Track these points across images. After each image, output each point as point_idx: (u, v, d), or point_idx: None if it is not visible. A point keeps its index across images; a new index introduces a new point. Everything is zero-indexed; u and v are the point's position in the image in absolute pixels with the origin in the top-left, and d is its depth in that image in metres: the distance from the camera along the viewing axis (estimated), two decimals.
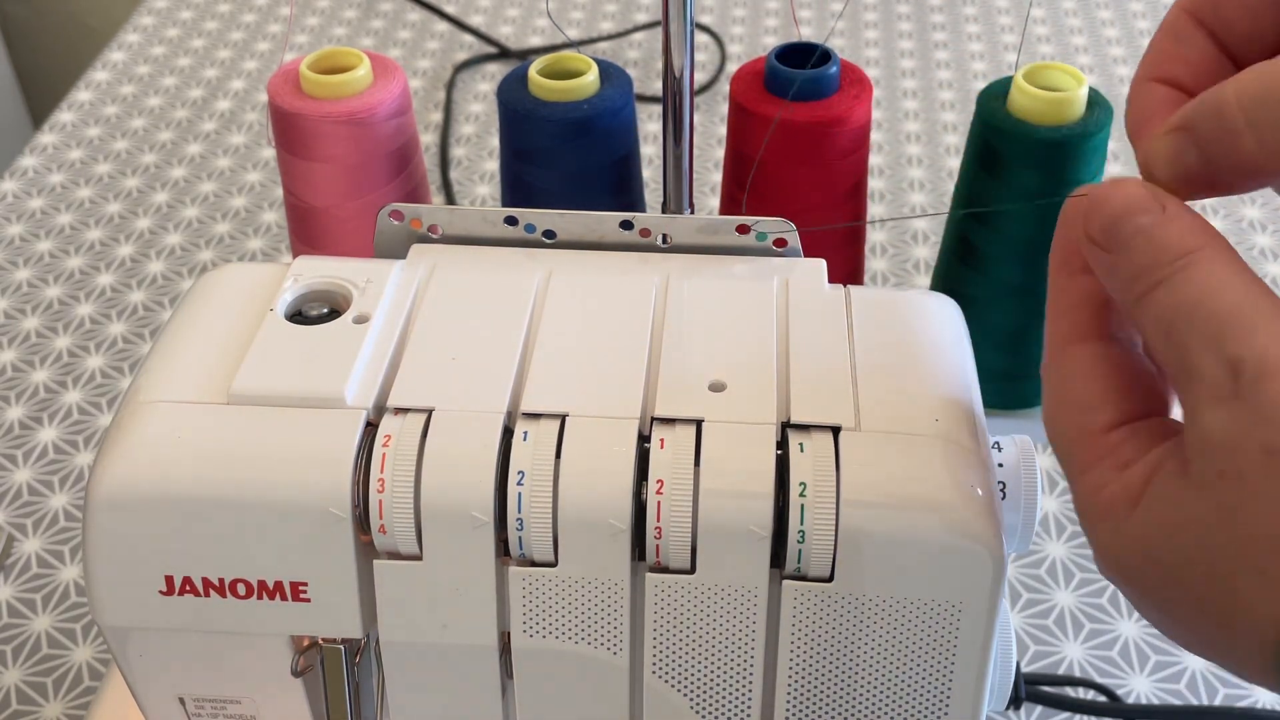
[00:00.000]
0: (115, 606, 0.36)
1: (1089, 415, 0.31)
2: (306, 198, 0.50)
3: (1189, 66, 0.33)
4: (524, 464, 0.34)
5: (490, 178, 0.87)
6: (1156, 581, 0.29)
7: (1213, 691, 0.56)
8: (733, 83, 0.53)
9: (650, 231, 0.41)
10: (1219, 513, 0.27)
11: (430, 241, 0.42)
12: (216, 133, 0.92)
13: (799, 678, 0.35)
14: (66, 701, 0.57)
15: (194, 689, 0.39)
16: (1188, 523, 0.28)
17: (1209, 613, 0.28)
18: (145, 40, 1.02)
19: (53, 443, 0.68)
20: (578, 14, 1.03)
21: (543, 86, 0.47)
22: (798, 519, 0.33)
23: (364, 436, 0.34)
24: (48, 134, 0.92)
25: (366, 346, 0.37)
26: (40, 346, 0.74)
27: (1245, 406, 0.27)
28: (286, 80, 0.50)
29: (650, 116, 0.91)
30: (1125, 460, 0.30)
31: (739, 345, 0.37)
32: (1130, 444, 0.30)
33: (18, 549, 0.63)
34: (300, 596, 0.35)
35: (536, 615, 0.35)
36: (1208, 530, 0.27)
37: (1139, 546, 0.29)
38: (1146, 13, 1.03)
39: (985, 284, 0.53)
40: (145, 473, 0.34)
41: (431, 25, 1.02)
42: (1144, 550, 0.29)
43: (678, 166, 0.46)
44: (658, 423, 0.35)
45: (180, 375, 0.36)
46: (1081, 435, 0.31)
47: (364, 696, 0.39)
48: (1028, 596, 0.60)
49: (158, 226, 0.83)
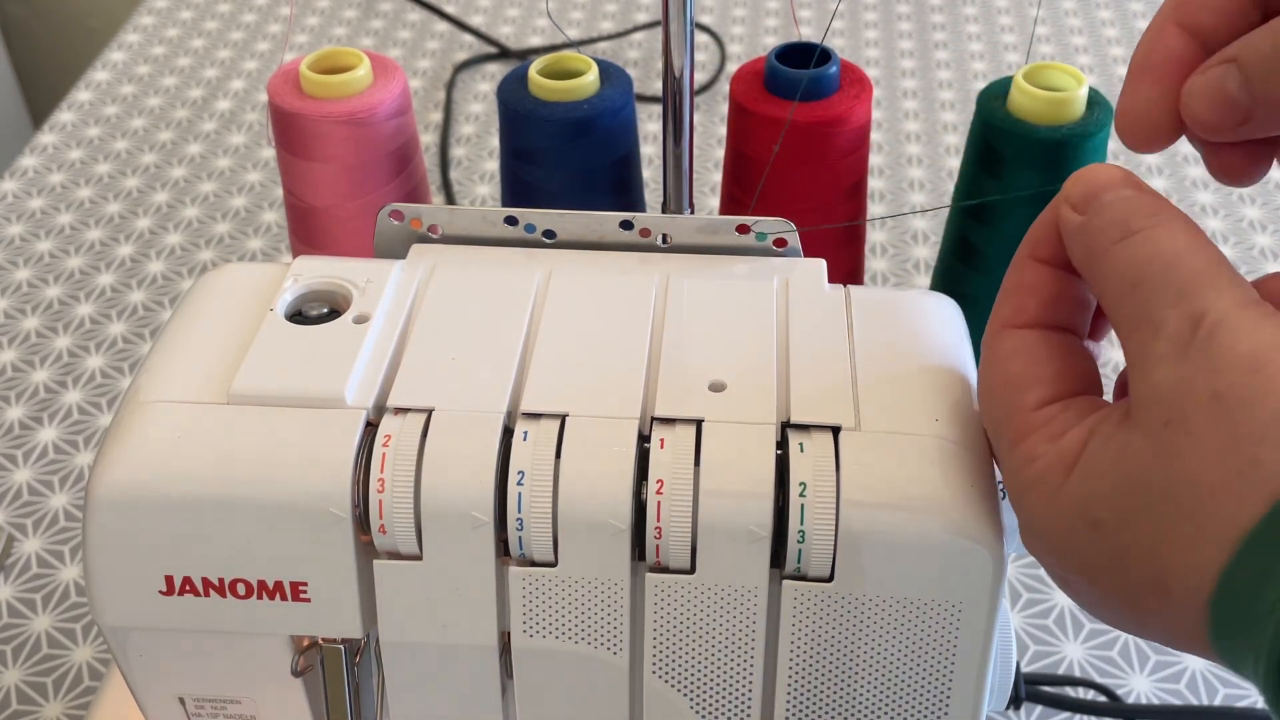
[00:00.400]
0: (115, 606, 0.36)
1: (1023, 393, 0.32)
2: (306, 198, 0.50)
3: (1215, 14, 0.33)
4: (524, 464, 0.34)
5: (490, 178, 0.87)
6: (1087, 546, 0.29)
7: (1213, 691, 0.56)
8: (733, 83, 0.53)
9: (650, 231, 0.41)
10: (1159, 459, 0.27)
11: (430, 241, 0.42)
12: (216, 133, 0.92)
13: (799, 678, 0.35)
14: (66, 701, 0.57)
15: (194, 689, 0.39)
16: (1126, 475, 0.28)
17: (1141, 574, 0.28)
18: (145, 40, 1.02)
19: (53, 443, 0.68)
20: (578, 14, 1.03)
21: (543, 86, 0.47)
22: (798, 519, 0.33)
23: (364, 436, 0.34)
24: (48, 134, 0.92)
25: (366, 346, 0.37)
26: (40, 346, 0.74)
27: (1200, 355, 0.27)
28: (286, 80, 0.50)
29: (650, 116, 0.91)
30: (1058, 431, 0.31)
31: (739, 345, 0.37)
32: (1063, 417, 0.31)
33: (18, 549, 0.63)
34: (300, 596, 0.35)
35: (536, 615, 0.35)
36: (1145, 479, 0.28)
37: (1072, 511, 0.29)
38: (1146, 13, 1.03)
39: (985, 284, 0.53)
40: (145, 473, 0.34)
41: (431, 25, 1.03)
42: (1078, 513, 0.29)
43: (678, 166, 0.46)
44: (658, 423, 0.35)
45: (180, 375, 0.36)
46: (1014, 411, 0.32)
47: (364, 696, 0.39)
48: (1028, 596, 0.60)
49: (158, 226, 0.83)
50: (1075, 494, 0.29)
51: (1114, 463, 0.28)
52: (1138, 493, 0.28)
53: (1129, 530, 0.28)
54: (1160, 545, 0.27)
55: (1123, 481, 0.28)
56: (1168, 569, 0.27)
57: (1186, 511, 0.27)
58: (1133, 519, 0.28)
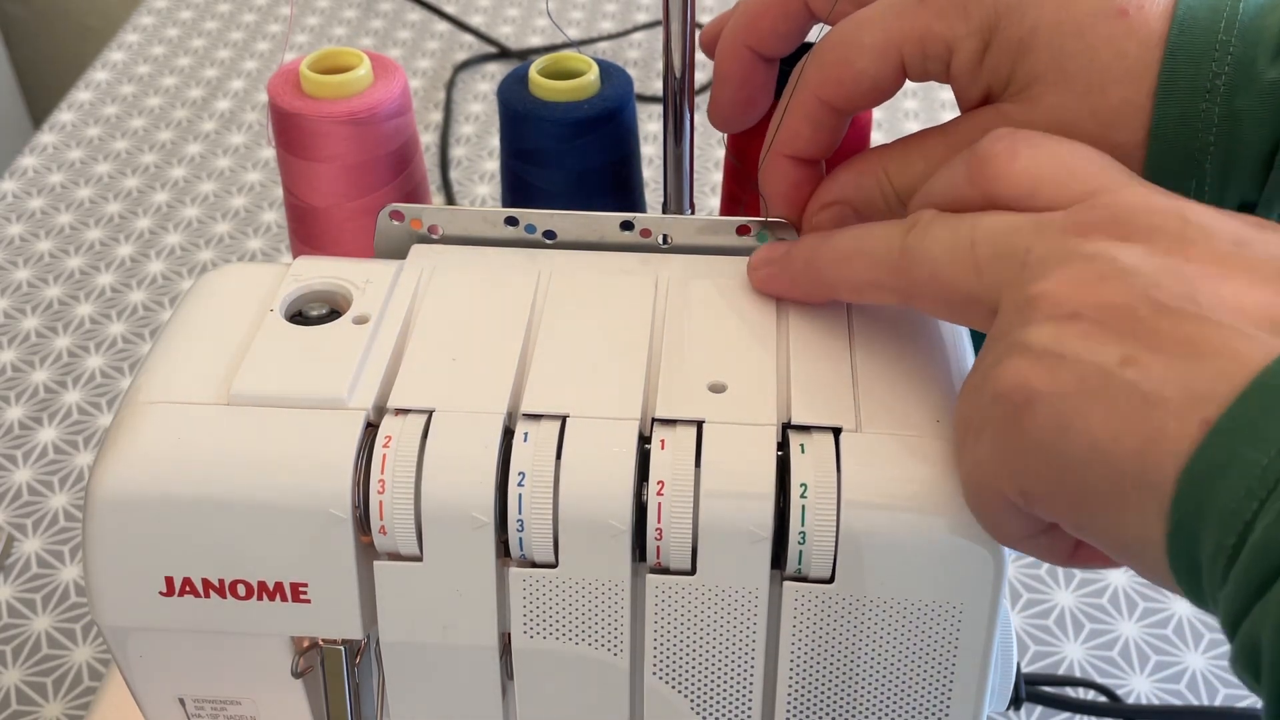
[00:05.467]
0: (115, 607, 0.36)
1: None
2: (306, 198, 0.50)
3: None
4: (524, 465, 0.34)
5: (490, 178, 0.86)
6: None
7: (1213, 691, 0.56)
8: None
9: (650, 231, 0.41)
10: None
11: (430, 241, 0.42)
12: (216, 133, 0.92)
13: (799, 679, 0.35)
14: (66, 701, 0.57)
15: (194, 689, 0.39)
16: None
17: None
18: (145, 40, 1.02)
19: (53, 443, 0.68)
20: (578, 14, 1.03)
21: (543, 86, 0.47)
22: (798, 520, 0.33)
23: (364, 437, 0.34)
24: (48, 134, 0.92)
25: (366, 347, 0.37)
26: (40, 346, 0.74)
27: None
28: (286, 80, 0.50)
29: (650, 116, 0.91)
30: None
31: (740, 346, 0.37)
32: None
33: (18, 549, 0.63)
34: (300, 597, 0.35)
35: (537, 616, 0.35)
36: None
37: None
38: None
39: None
40: (145, 473, 0.34)
41: (431, 25, 1.02)
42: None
43: (678, 166, 0.45)
44: (658, 424, 0.35)
45: (180, 375, 0.36)
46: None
47: (364, 697, 0.39)
48: (1028, 596, 0.60)
49: (158, 226, 0.83)
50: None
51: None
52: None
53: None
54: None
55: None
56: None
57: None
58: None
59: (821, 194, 0.40)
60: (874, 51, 0.36)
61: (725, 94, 0.42)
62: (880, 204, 0.38)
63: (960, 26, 0.35)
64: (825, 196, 0.39)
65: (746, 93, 0.42)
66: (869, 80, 0.37)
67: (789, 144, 0.39)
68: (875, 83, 0.37)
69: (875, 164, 0.38)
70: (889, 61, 0.36)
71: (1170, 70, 0.33)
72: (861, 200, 0.39)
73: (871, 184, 0.38)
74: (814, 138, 0.39)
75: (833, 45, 0.37)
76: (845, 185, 0.39)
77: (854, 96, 0.37)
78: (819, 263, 0.37)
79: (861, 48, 0.36)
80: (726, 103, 0.42)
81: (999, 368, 0.29)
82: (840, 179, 0.39)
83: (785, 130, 0.39)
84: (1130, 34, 0.34)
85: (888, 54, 0.36)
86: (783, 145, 0.39)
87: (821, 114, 0.38)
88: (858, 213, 0.39)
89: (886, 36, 0.36)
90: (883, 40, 0.36)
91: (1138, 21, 0.34)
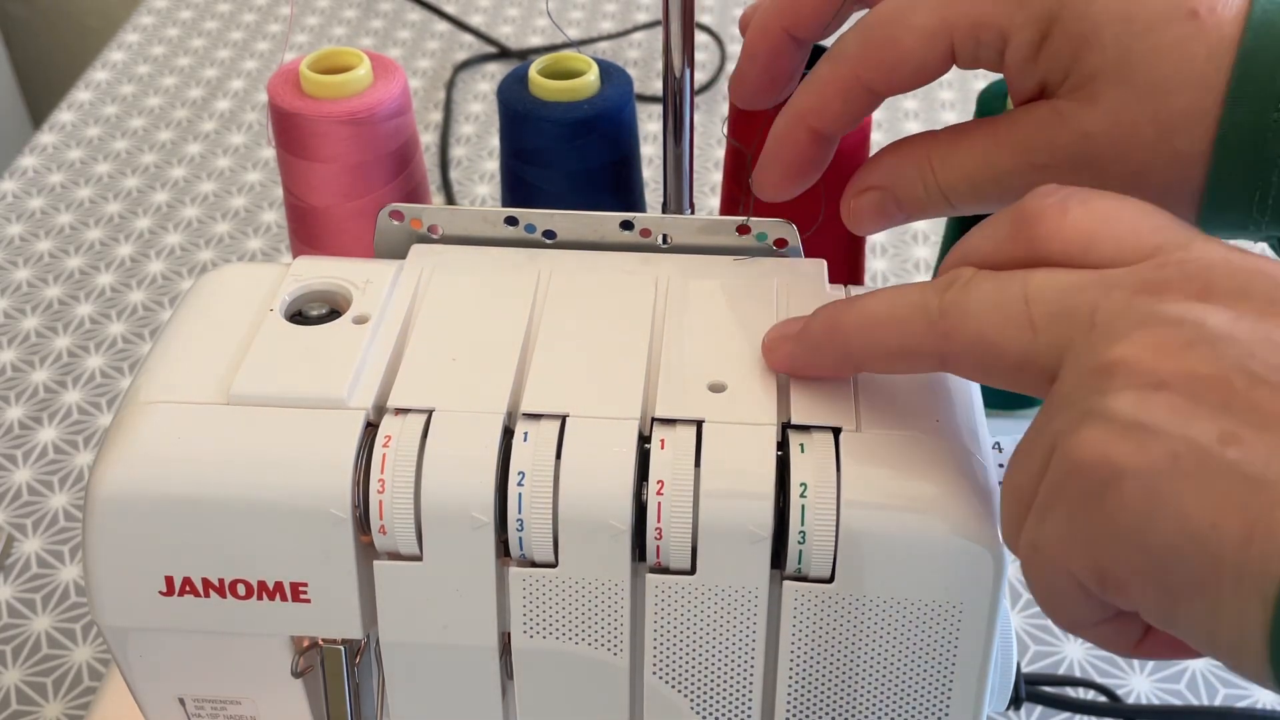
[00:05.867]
0: (115, 606, 0.36)
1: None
2: (306, 198, 0.50)
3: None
4: (524, 464, 0.34)
5: (490, 178, 0.86)
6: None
7: (1213, 692, 0.56)
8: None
9: (650, 231, 0.41)
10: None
11: (430, 241, 0.42)
12: (216, 133, 0.92)
13: (799, 678, 0.35)
14: (66, 701, 0.57)
15: (194, 689, 0.39)
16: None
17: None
18: (145, 40, 1.02)
19: (53, 443, 0.68)
20: (578, 14, 1.03)
21: (543, 86, 0.47)
22: (798, 520, 0.33)
23: (364, 437, 0.34)
24: (48, 134, 0.92)
25: (366, 347, 0.37)
26: (40, 346, 0.74)
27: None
28: (286, 80, 0.50)
29: (650, 116, 0.91)
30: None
31: (739, 345, 0.37)
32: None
33: (18, 549, 0.63)
34: (300, 597, 0.35)
35: (537, 616, 0.35)
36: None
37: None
38: None
39: None
40: (145, 473, 0.34)
41: (431, 25, 1.02)
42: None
43: (678, 166, 0.45)
44: (658, 423, 0.35)
45: (180, 375, 0.36)
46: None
47: (364, 697, 0.39)
48: (1028, 597, 0.60)
49: (158, 226, 0.83)
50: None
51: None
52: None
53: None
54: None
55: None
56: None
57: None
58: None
59: (862, 178, 0.38)
60: (923, 33, 0.34)
61: (752, 70, 0.40)
62: (921, 194, 0.37)
63: (1017, 14, 0.34)
64: (866, 180, 0.38)
65: (772, 72, 0.40)
66: (914, 62, 0.35)
67: (815, 115, 0.37)
68: (920, 66, 0.35)
69: (921, 151, 0.36)
70: (938, 45, 0.34)
71: (1243, 75, 0.31)
72: (903, 188, 0.37)
73: (914, 173, 0.36)
74: (842, 113, 0.37)
75: (880, 22, 0.35)
76: (888, 170, 0.37)
77: (894, 78, 0.36)
78: (843, 332, 0.34)
79: (910, 28, 0.35)
80: (751, 78, 0.40)
81: (1074, 438, 0.27)
82: (883, 163, 0.37)
83: (814, 99, 0.37)
84: (1200, 36, 0.32)
85: (938, 37, 0.34)
86: (808, 114, 0.37)
87: (856, 91, 0.36)
88: (897, 201, 0.37)
89: (938, 18, 0.34)
90: (934, 22, 0.34)
91: (1209, 24, 0.32)
